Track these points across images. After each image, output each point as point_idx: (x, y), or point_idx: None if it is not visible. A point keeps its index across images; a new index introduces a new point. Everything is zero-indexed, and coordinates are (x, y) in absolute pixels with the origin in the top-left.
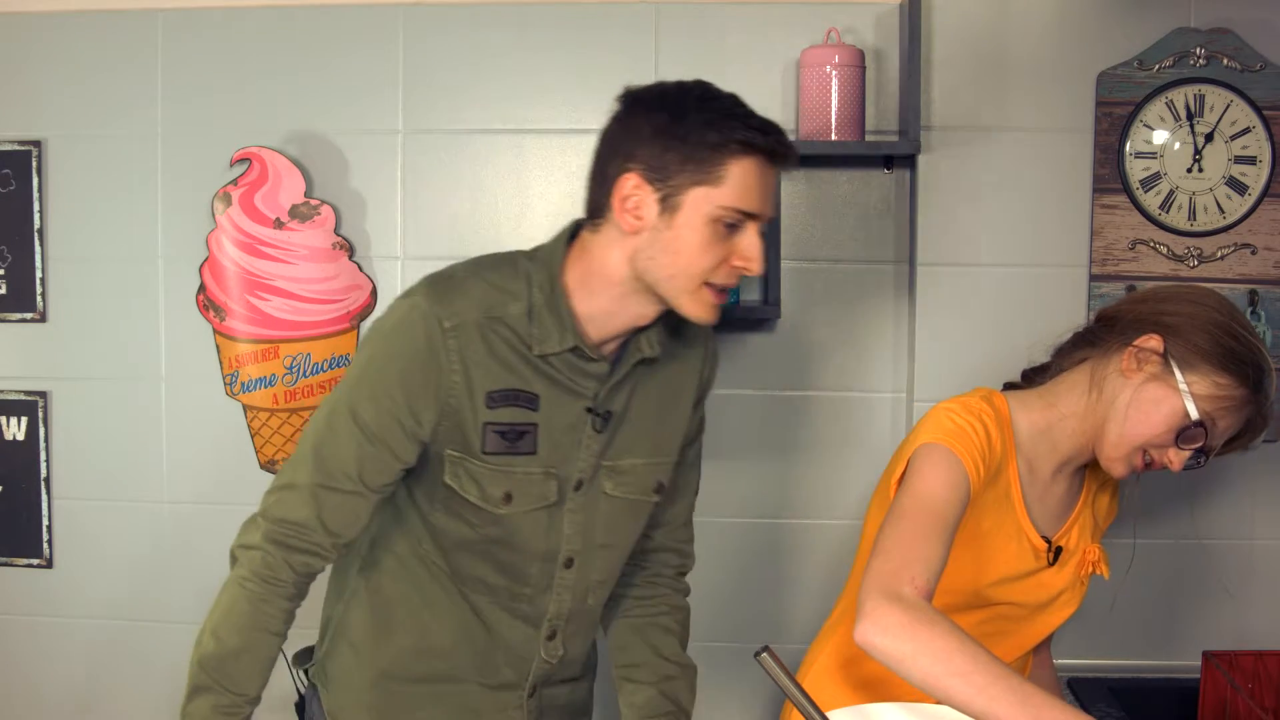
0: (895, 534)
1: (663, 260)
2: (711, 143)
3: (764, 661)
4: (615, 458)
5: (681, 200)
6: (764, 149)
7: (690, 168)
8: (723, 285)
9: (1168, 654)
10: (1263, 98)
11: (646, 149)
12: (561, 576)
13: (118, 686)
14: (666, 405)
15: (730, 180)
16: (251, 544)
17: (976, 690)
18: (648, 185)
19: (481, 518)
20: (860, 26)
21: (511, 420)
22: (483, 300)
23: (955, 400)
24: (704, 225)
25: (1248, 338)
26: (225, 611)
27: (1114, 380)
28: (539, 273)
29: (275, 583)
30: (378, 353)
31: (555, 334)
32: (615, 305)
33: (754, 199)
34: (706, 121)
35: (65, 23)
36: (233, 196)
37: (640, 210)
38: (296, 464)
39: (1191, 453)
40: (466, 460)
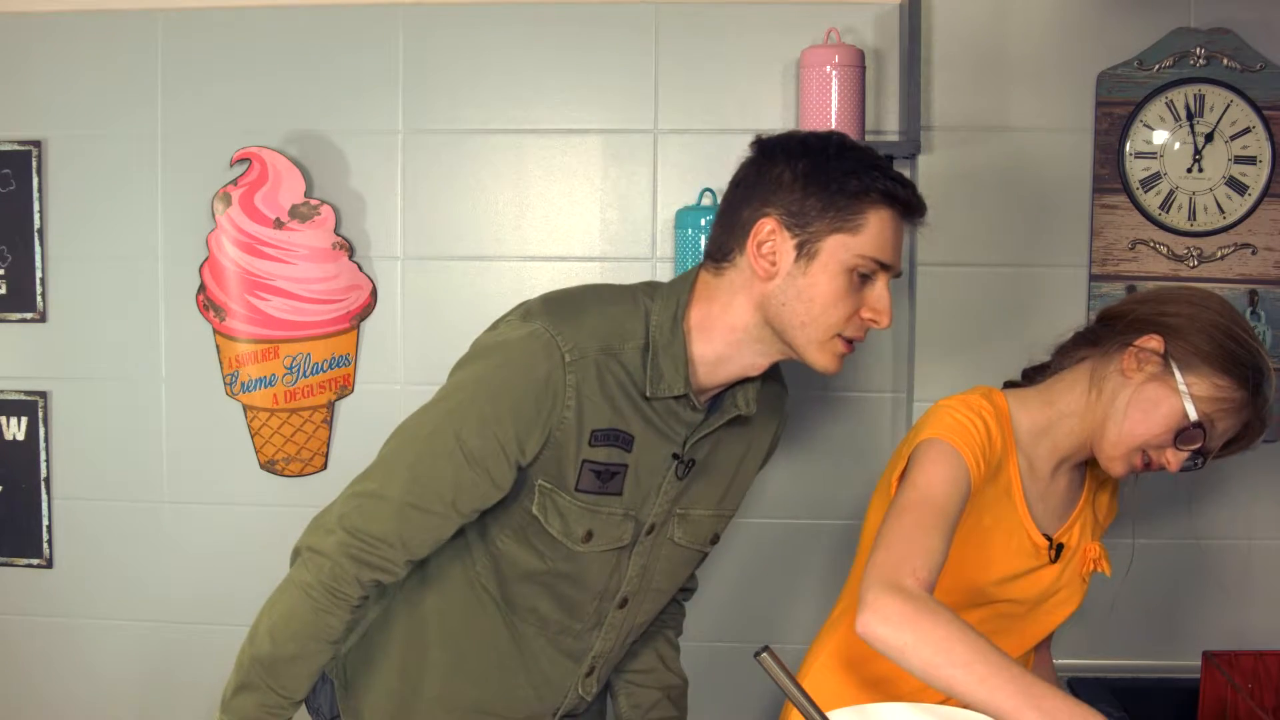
0: (897, 527)
1: (797, 307)
2: (853, 190)
3: (764, 661)
4: (687, 506)
5: (820, 247)
6: (903, 200)
7: (831, 214)
8: (852, 338)
9: (1168, 654)
10: (1263, 98)
11: (786, 195)
12: (614, 616)
13: (118, 687)
14: (741, 462)
15: (869, 229)
16: (322, 550)
17: (978, 680)
18: (785, 231)
19: (556, 552)
20: (860, 26)
21: (608, 460)
22: (602, 334)
23: (956, 398)
24: (840, 274)
25: (1248, 341)
26: (285, 616)
27: (1114, 380)
28: (660, 312)
29: (341, 596)
30: (492, 377)
31: (669, 377)
32: (731, 351)
33: (889, 250)
34: (848, 170)
35: (65, 23)
36: (233, 196)
37: (776, 256)
38: (387, 475)
39: (1189, 454)
40: (557, 494)
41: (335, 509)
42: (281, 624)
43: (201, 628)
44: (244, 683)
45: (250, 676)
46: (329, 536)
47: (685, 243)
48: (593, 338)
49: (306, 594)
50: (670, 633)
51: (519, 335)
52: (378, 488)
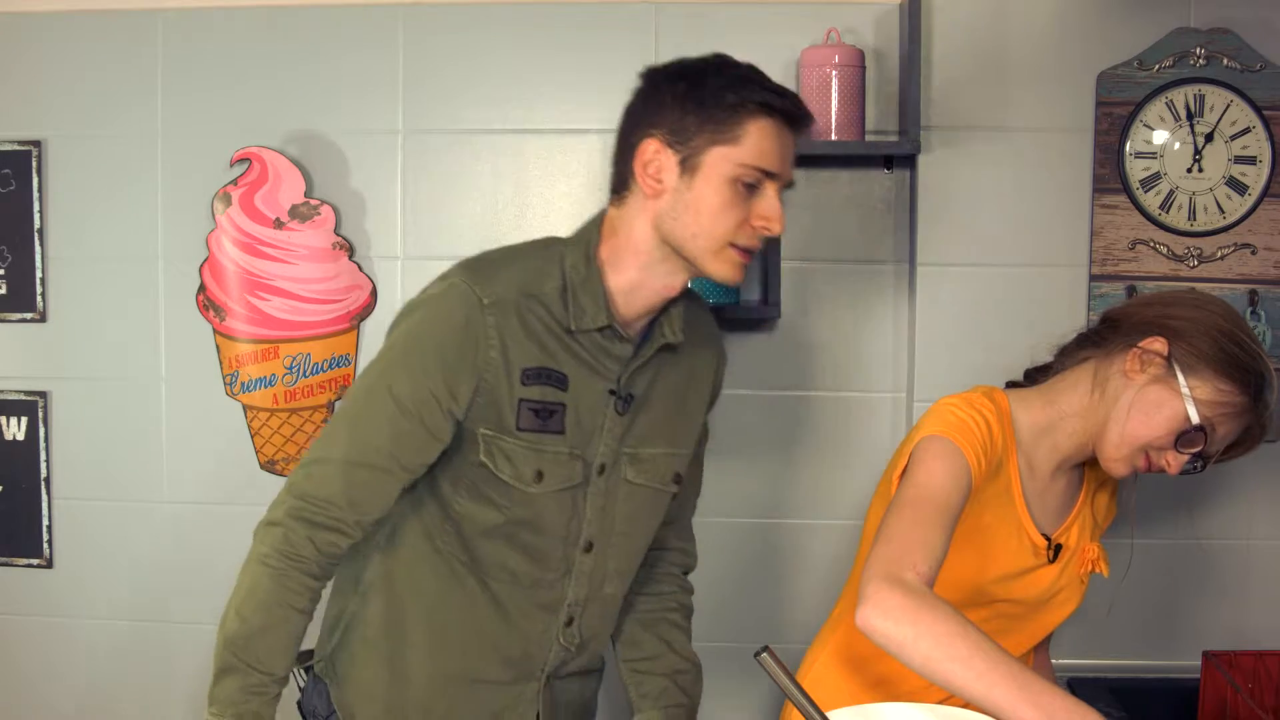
0: (898, 522)
1: (686, 220)
2: (730, 103)
3: (764, 661)
4: (636, 445)
5: (701, 161)
6: (781, 110)
7: (709, 128)
8: (746, 246)
9: (1168, 654)
10: (1263, 98)
11: (667, 115)
12: (581, 561)
13: (118, 687)
14: (684, 398)
15: (748, 139)
16: (274, 520)
17: (976, 675)
18: (668, 149)
19: (511, 498)
20: (860, 26)
21: (543, 398)
22: (519, 278)
23: (957, 396)
24: (724, 185)
25: (1251, 346)
26: (249, 590)
27: (1117, 381)
28: (573, 253)
29: (297, 559)
30: (414, 329)
31: (590, 310)
32: (642, 275)
33: (772, 158)
34: (725, 85)
35: (65, 23)
36: (233, 196)
37: (661, 174)
38: (328, 440)
39: (1189, 457)
40: (500, 438)
41: (287, 483)
42: (246, 598)
43: (201, 628)
44: (221, 668)
45: (226, 659)
46: (279, 507)
47: None
48: (509, 283)
49: (264, 564)
50: (675, 615)
51: (438, 291)
52: (322, 453)
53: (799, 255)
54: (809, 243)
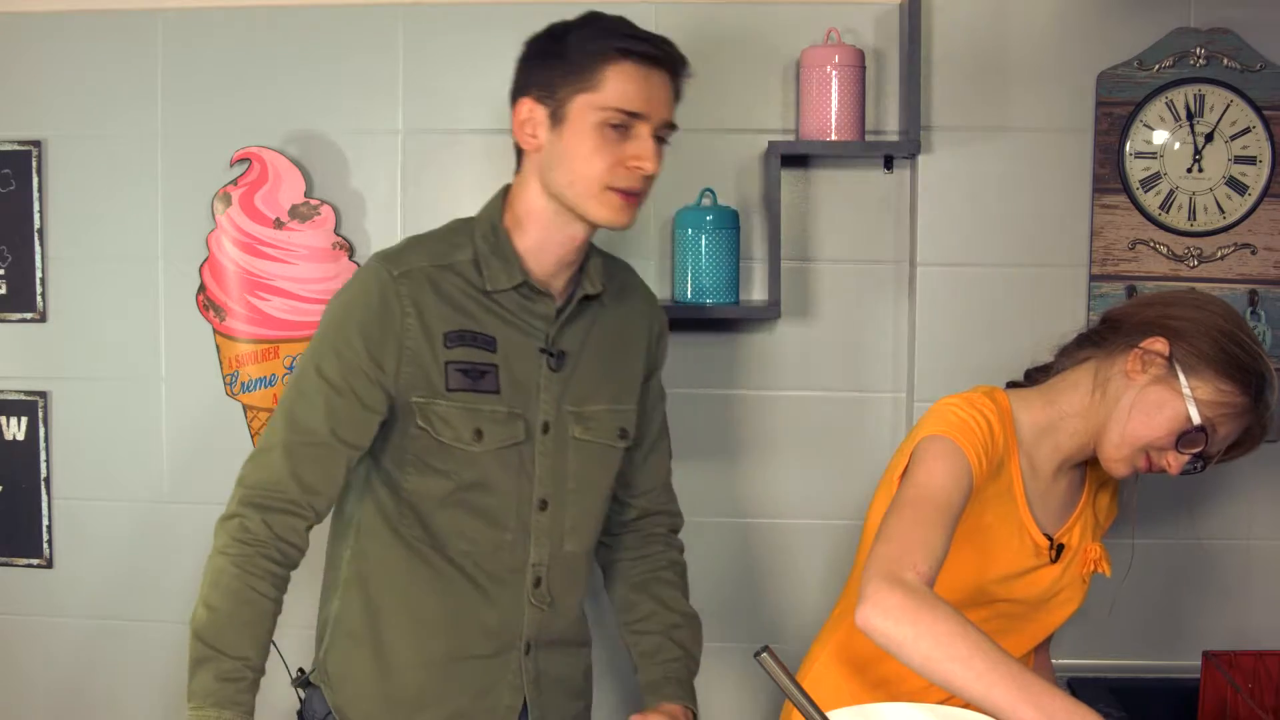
0: (898, 521)
1: (562, 169)
2: (590, 52)
3: (764, 661)
4: (579, 403)
5: (568, 111)
6: (639, 52)
7: (572, 78)
8: (625, 188)
9: (1168, 654)
10: (1263, 98)
11: (535, 74)
12: (538, 520)
13: (117, 686)
14: (619, 352)
15: (609, 84)
16: (229, 513)
17: (975, 675)
18: (539, 105)
19: (456, 461)
20: (860, 26)
21: (470, 359)
22: (429, 253)
23: (959, 396)
24: (592, 130)
25: (1252, 346)
26: (212, 582)
27: (1118, 381)
28: (481, 225)
29: (255, 543)
30: (334, 312)
31: (503, 271)
32: (544, 232)
33: (636, 99)
34: (586, 36)
35: (65, 23)
36: (233, 196)
37: (535, 130)
38: (270, 431)
39: (1190, 458)
40: (434, 402)
41: (237, 477)
42: (211, 589)
43: None
44: (195, 660)
45: (197, 651)
46: (232, 501)
47: (685, 243)
48: (419, 257)
49: (224, 554)
50: (666, 573)
51: (353, 277)
52: (265, 443)
53: (799, 255)
54: (809, 243)
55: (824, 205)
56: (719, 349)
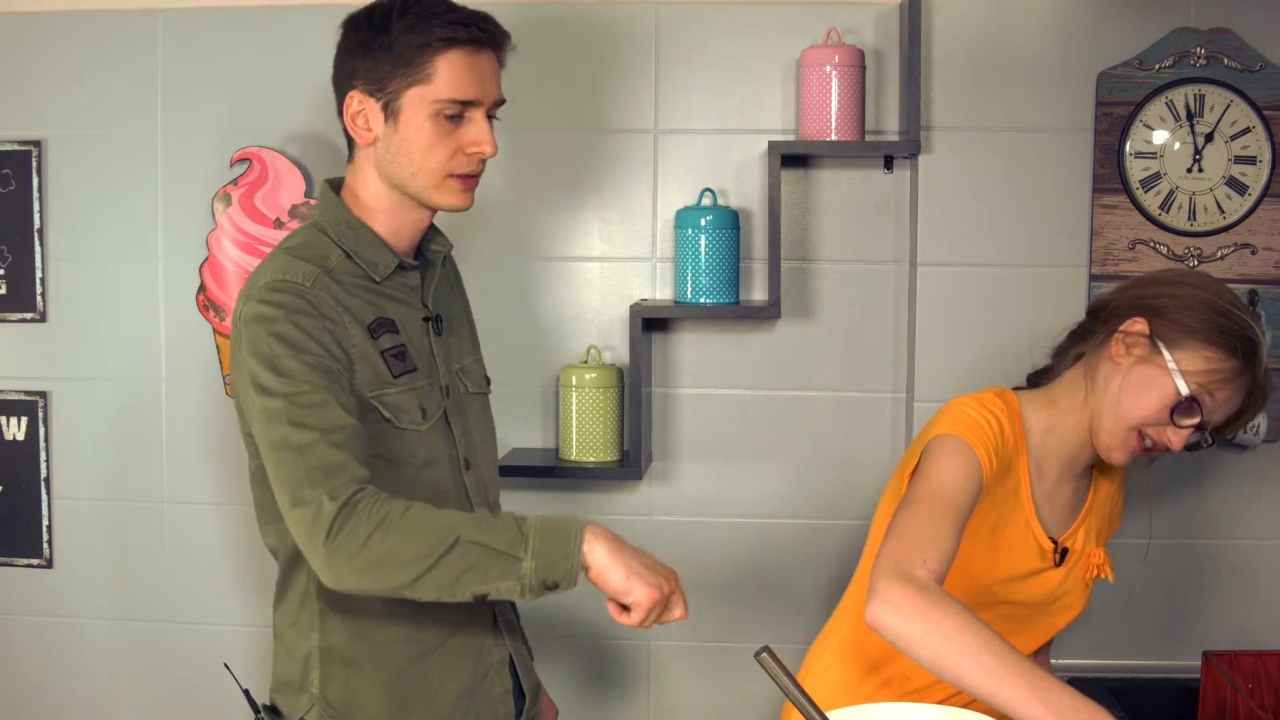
0: (909, 518)
1: (401, 162)
2: (416, 44)
3: (764, 661)
4: (459, 359)
5: (401, 104)
6: (466, 39)
7: (401, 71)
8: (466, 173)
9: (1168, 654)
10: (1263, 98)
11: (361, 65)
12: (467, 480)
13: (118, 686)
14: (459, 301)
15: (439, 75)
16: (332, 523)
17: (985, 672)
18: (369, 98)
19: (410, 445)
20: (860, 26)
21: (393, 344)
22: (307, 265)
23: (969, 395)
24: (427, 122)
25: (1234, 311)
26: (402, 543)
27: (1105, 369)
28: (331, 222)
29: (377, 499)
30: (262, 337)
31: (379, 258)
32: (395, 219)
33: (468, 87)
34: (409, 25)
35: (65, 23)
36: (233, 196)
37: (369, 123)
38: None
39: (1192, 430)
40: (385, 391)
41: (301, 521)
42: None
43: (201, 628)
44: (476, 564)
45: (465, 558)
46: (318, 520)
47: (685, 243)
48: (303, 269)
49: (370, 533)
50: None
51: (260, 297)
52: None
53: (799, 255)
54: (809, 243)
55: (824, 205)
56: (719, 349)
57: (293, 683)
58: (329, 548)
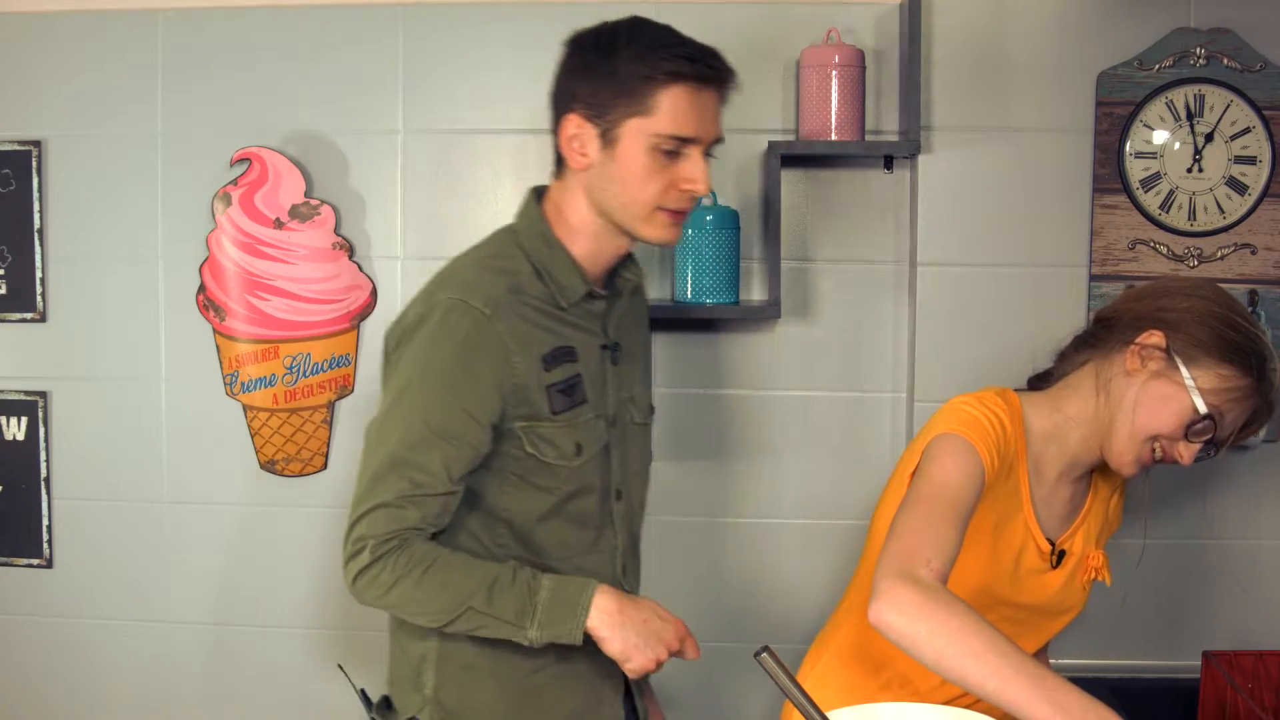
0: (911, 518)
1: (612, 191)
2: (641, 75)
3: (764, 661)
4: (629, 390)
5: (619, 133)
6: (692, 75)
7: (623, 101)
8: (676, 208)
9: (1168, 654)
10: (1263, 98)
11: (583, 89)
12: (616, 509)
13: (118, 686)
14: (639, 331)
15: (662, 109)
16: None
17: (990, 671)
18: (588, 123)
19: (558, 478)
20: (860, 26)
21: (565, 376)
22: (499, 280)
23: (971, 395)
24: (643, 154)
25: (1247, 327)
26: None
27: (1119, 380)
28: (529, 238)
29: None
30: (428, 359)
31: (570, 284)
32: (595, 244)
33: (688, 124)
34: (635, 55)
35: (65, 23)
36: (233, 196)
37: (585, 148)
38: (378, 484)
39: (1201, 446)
40: (538, 426)
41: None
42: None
43: (201, 627)
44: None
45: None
46: (363, 556)
47: (685, 243)
48: (493, 286)
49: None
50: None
51: (435, 314)
52: (378, 498)
53: (799, 255)
54: (809, 243)
55: (824, 205)
56: (719, 349)
57: (406, 680)
58: (355, 586)
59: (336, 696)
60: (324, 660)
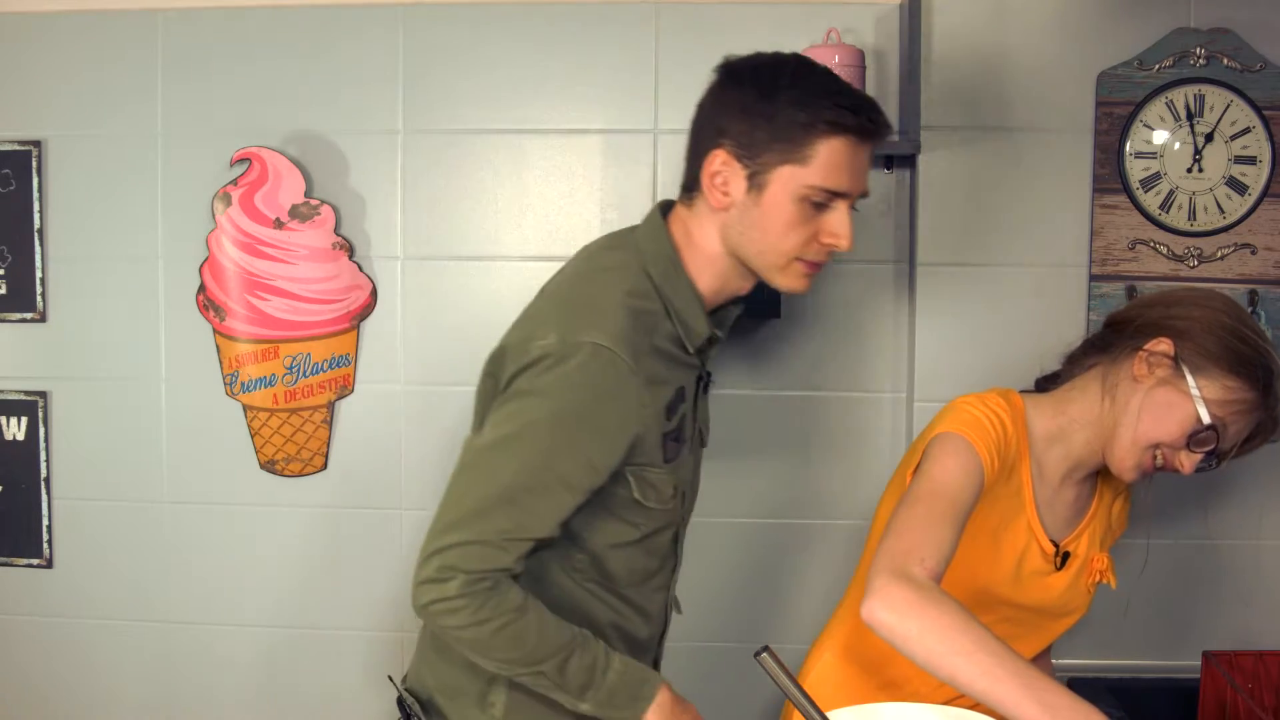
0: (908, 516)
1: (753, 236)
2: (800, 122)
3: (764, 661)
4: (704, 414)
5: (769, 179)
6: (854, 128)
7: (778, 146)
8: (814, 260)
9: (1168, 654)
10: (1263, 98)
11: (736, 125)
12: (681, 535)
13: (118, 686)
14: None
15: (818, 160)
16: (447, 597)
17: (980, 671)
18: (736, 162)
19: (649, 516)
20: (860, 26)
21: (678, 423)
22: (639, 323)
23: (973, 395)
24: (791, 204)
25: (1257, 341)
26: (490, 648)
27: (1126, 385)
28: (661, 271)
29: (494, 605)
30: (562, 403)
31: (698, 327)
32: (719, 282)
33: (842, 178)
34: (796, 100)
35: (65, 23)
36: (233, 196)
37: (728, 187)
38: (480, 517)
39: (1203, 456)
40: (646, 471)
41: (439, 560)
42: (509, 651)
43: (201, 628)
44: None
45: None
46: (448, 585)
47: None
48: (636, 332)
49: (479, 629)
50: None
51: (578, 358)
52: (478, 532)
53: None
54: None
55: None
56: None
57: (465, 693)
58: (427, 610)
59: (336, 696)
60: (324, 660)
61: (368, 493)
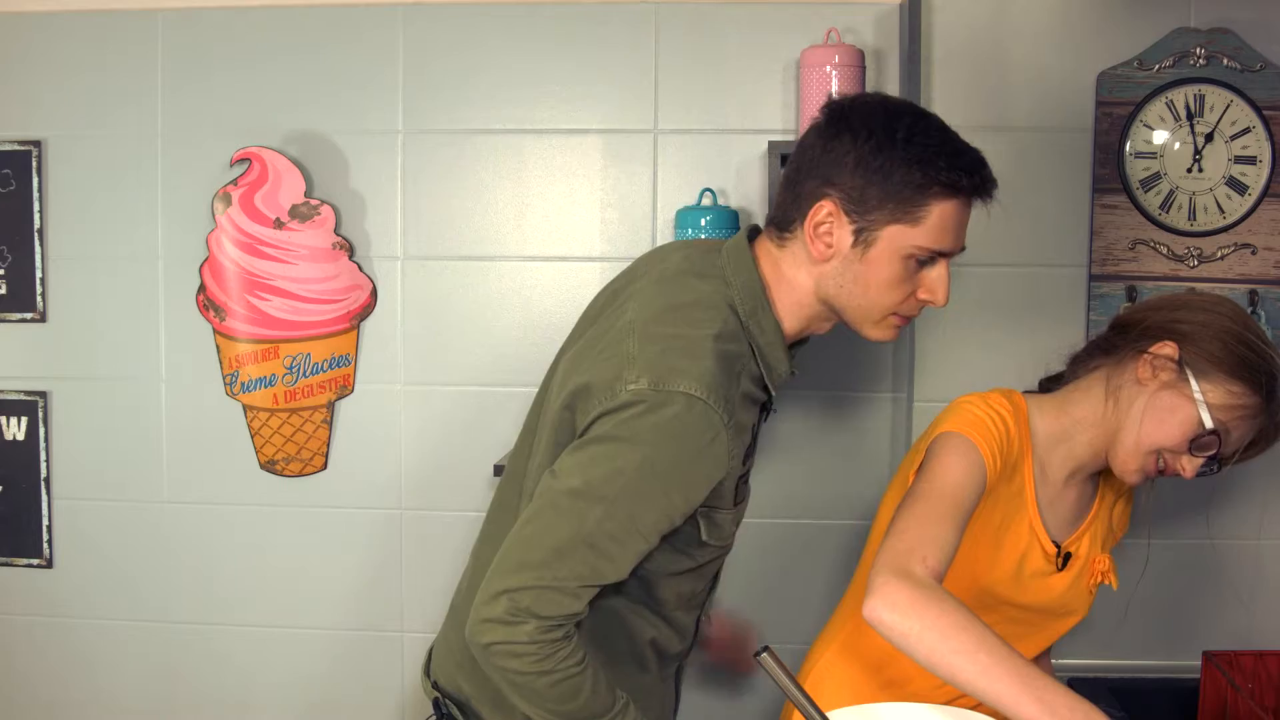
0: (910, 515)
1: (853, 290)
2: (916, 183)
3: (764, 661)
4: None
5: (878, 236)
6: (967, 190)
7: (890, 205)
8: (907, 315)
9: (1168, 654)
10: (1263, 98)
11: (848, 178)
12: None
13: (118, 686)
14: None
15: (930, 221)
16: (515, 641)
17: (980, 669)
18: (844, 215)
19: (708, 550)
20: (860, 26)
21: (748, 466)
22: (729, 369)
23: (976, 395)
24: (897, 262)
25: (1261, 346)
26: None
27: (1129, 388)
28: (751, 312)
29: (561, 658)
30: (655, 454)
31: (779, 368)
32: (803, 324)
33: (949, 239)
34: (913, 159)
35: (65, 23)
36: (233, 196)
37: (832, 238)
38: (559, 559)
39: (1204, 461)
40: (716, 513)
41: (511, 600)
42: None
43: (201, 628)
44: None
45: None
46: (518, 629)
47: None
48: (729, 382)
49: (543, 678)
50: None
51: (673, 409)
52: (553, 577)
53: None
54: None
55: None
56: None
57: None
58: (489, 649)
59: (336, 696)
60: (323, 660)
61: (368, 493)
